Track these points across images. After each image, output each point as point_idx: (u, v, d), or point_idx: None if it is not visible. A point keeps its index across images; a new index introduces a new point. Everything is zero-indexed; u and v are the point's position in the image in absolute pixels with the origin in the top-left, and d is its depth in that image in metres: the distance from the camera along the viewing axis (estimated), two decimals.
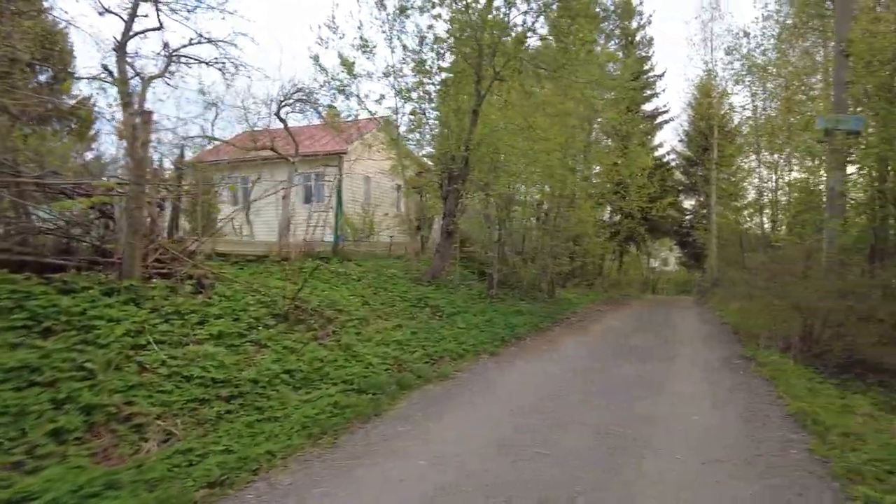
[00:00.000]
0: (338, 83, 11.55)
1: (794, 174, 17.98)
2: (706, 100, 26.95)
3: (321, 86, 11.90)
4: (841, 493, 3.97)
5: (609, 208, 28.92)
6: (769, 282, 10.22)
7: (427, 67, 10.77)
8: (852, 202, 11.50)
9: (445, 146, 11.30)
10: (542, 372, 7.85)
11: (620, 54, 29.96)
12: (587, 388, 6.92)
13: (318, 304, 7.85)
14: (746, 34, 20.51)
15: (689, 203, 35.09)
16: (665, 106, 33.02)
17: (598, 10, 28.43)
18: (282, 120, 16.79)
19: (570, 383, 7.20)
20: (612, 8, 28.68)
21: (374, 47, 11.27)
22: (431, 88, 10.71)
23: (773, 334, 10.15)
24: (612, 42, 29.77)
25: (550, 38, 10.46)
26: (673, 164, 33.33)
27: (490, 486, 3.98)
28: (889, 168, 10.71)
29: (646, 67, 30.51)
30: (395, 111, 11.71)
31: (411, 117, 11.59)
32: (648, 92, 30.49)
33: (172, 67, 13.40)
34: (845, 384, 8.10)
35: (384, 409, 5.79)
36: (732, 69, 20.96)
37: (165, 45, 13.92)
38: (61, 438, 4.24)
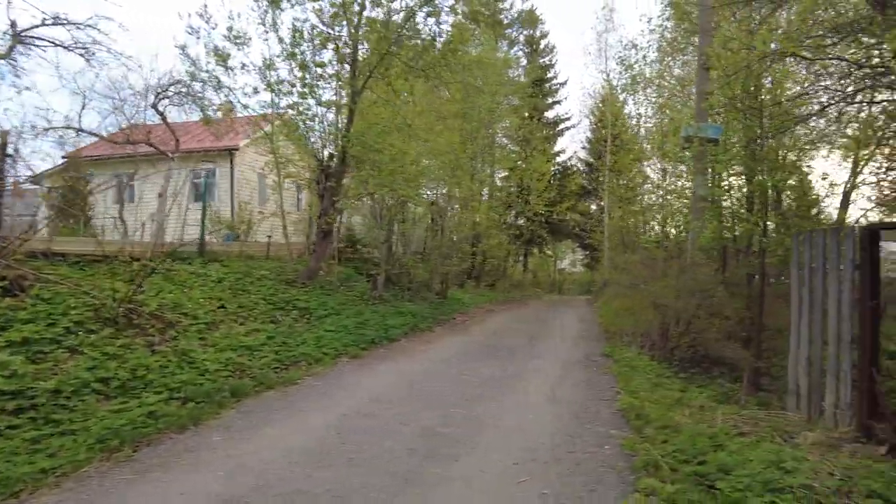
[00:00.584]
0: (206, 75, 10.90)
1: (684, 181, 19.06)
2: (602, 108, 28.21)
3: (192, 78, 11.15)
4: (630, 487, 4.08)
5: (513, 211, 29.62)
6: (633, 281, 10.71)
7: (301, 61, 10.38)
8: (712, 205, 12.26)
9: (321, 143, 11.00)
10: (399, 374, 7.73)
11: (524, 61, 30.88)
12: (436, 390, 6.87)
13: (157, 308, 7.32)
14: (635, 46, 21.63)
15: (594, 207, 36.70)
16: (567, 113, 34.38)
17: (502, 17, 29.35)
18: (159, 113, 15.82)
19: (420, 385, 7.12)
20: (515, 15, 29.49)
21: (249, 39, 10.77)
22: (300, 84, 10.34)
23: (636, 332, 10.66)
24: (516, 48, 30.59)
25: (427, 37, 10.43)
26: (574, 169, 34.67)
27: (279, 496, 3.77)
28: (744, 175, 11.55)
29: (549, 75, 31.55)
30: (272, 105, 11.26)
31: (290, 112, 11.15)
32: (551, 99, 31.53)
33: (22, 49, 12.30)
34: (692, 378, 8.60)
35: (205, 419, 5.44)
36: (623, 80, 22.06)
37: (13, 24, 12.74)
38: None
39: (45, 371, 5.34)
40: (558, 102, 31.99)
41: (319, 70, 10.58)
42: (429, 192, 16.98)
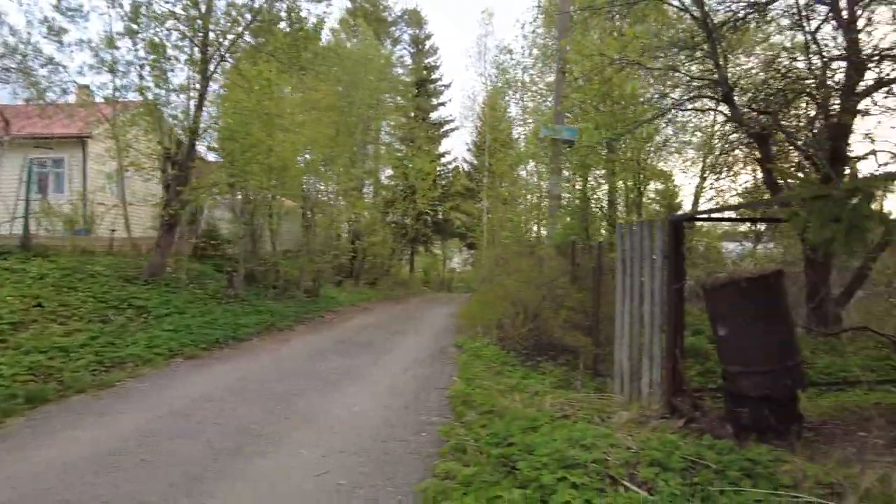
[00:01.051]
0: (28, 48, 9.76)
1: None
2: (483, 111, 29.05)
3: (12, 51, 9.93)
4: (427, 472, 4.12)
5: (398, 209, 29.60)
6: (489, 275, 11.05)
7: (148, 40, 9.59)
8: (566, 203, 13.01)
9: (167, 130, 10.24)
10: (235, 373, 7.36)
11: (409, 60, 31.02)
12: (268, 388, 6.61)
13: None
14: (510, 51, 22.46)
15: (479, 206, 37.66)
16: (451, 116, 34.92)
17: (385, 14, 29.28)
18: None
19: (253, 383, 6.82)
20: (399, 13, 29.55)
21: (87, 14, 9.79)
22: (147, 67, 9.57)
23: (490, 323, 11.00)
24: (400, 46, 30.65)
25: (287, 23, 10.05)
26: (459, 170, 35.39)
27: None
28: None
29: (434, 76, 31.91)
30: (115, 88, 10.30)
31: (140, 96, 10.25)
32: (435, 101, 31.92)
33: None
34: (538, 366, 9.00)
35: None
36: (499, 83, 22.82)
37: None
38: None
39: None
40: (443, 104, 32.49)
41: (172, 52, 9.86)
42: (305, 186, 16.46)
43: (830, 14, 7.32)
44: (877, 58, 6.96)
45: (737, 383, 4.98)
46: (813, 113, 8.59)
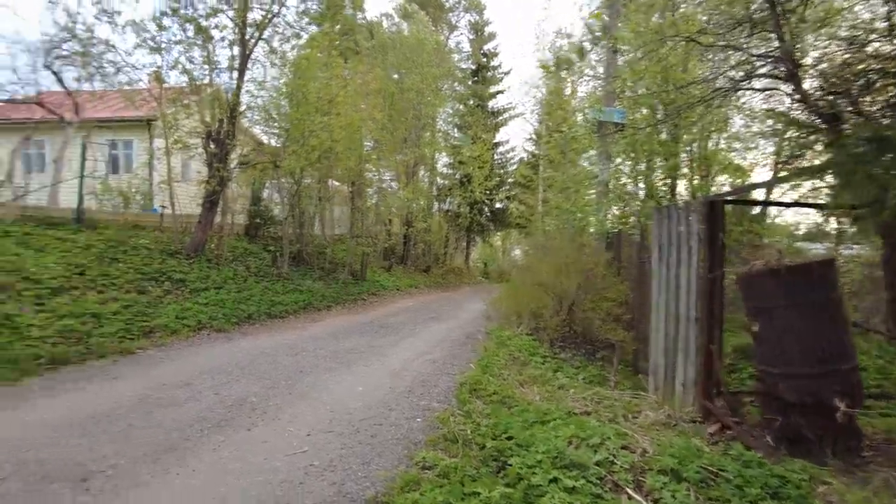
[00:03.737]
0: (82, 30, 10.17)
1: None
2: (542, 97, 28.21)
3: (70, 34, 10.38)
4: (408, 460, 3.89)
5: (455, 198, 29.37)
6: (527, 263, 10.66)
7: (186, 17, 9.73)
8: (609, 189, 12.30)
9: (210, 107, 10.43)
10: (255, 348, 7.39)
11: (466, 46, 30.62)
12: (281, 363, 6.57)
13: None
14: (568, 35, 21.63)
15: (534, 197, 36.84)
16: (510, 103, 34.10)
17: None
18: (54, 73, 14.88)
19: (268, 358, 6.81)
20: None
21: None
22: (190, 46, 9.78)
23: (525, 312, 10.61)
24: (457, 33, 30.26)
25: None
26: (518, 159, 34.72)
27: (15, 463, 3.43)
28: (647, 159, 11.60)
29: (493, 63, 31.32)
30: (159, 66, 10.59)
31: (183, 74, 10.50)
32: (493, 88, 31.32)
33: None
34: (573, 360, 8.60)
35: None
36: (556, 69, 22.03)
37: None
38: None
39: None
40: (501, 92, 31.69)
41: (217, 34, 10.03)
42: (351, 170, 16.53)
43: None
44: None
45: (774, 386, 4.44)
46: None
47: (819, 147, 10.18)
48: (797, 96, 8.46)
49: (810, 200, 5.92)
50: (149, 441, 3.92)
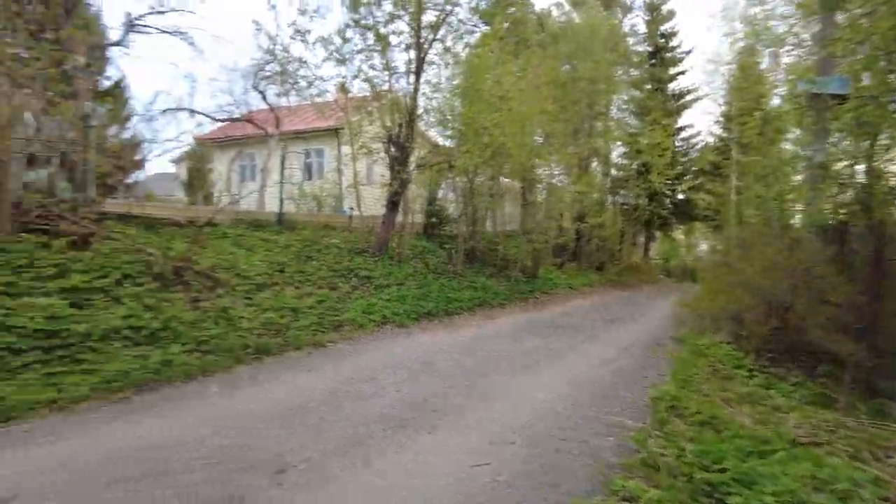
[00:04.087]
0: (280, 50, 11.26)
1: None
2: (732, 75, 25.18)
3: (271, 55, 11.58)
4: (601, 487, 3.45)
5: (631, 190, 27.59)
6: (724, 259, 9.41)
7: (366, 25, 10.25)
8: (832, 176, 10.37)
9: (389, 111, 10.89)
10: (434, 344, 7.45)
11: (642, 28, 28.57)
12: (459, 362, 6.50)
13: (209, 267, 7.72)
14: (763, 1, 18.89)
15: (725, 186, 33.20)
16: (693, 84, 30.94)
17: None
18: (260, 92, 16.81)
19: (446, 356, 6.79)
20: None
21: (326, 12, 10.91)
22: (369, 53, 10.29)
23: (723, 316, 9.37)
24: (631, 14, 28.31)
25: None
26: (704, 145, 31.54)
27: (197, 459, 3.61)
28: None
29: (672, 44, 28.82)
30: (344, 77, 11.35)
31: (364, 82, 11.13)
32: (673, 70, 28.80)
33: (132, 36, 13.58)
34: (787, 375, 7.40)
35: (215, 371, 5.60)
36: (750, 41, 19.44)
37: (127, 15, 14.09)
38: None
39: (83, 316, 5.80)
40: (682, 73, 28.97)
41: (395, 39, 10.46)
42: (523, 166, 16.27)
43: None
44: None
45: None
46: None
47: None
48: None
49: None
50: (338, 435, 4.00)
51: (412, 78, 10.60)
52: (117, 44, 13.87)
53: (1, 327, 5.22)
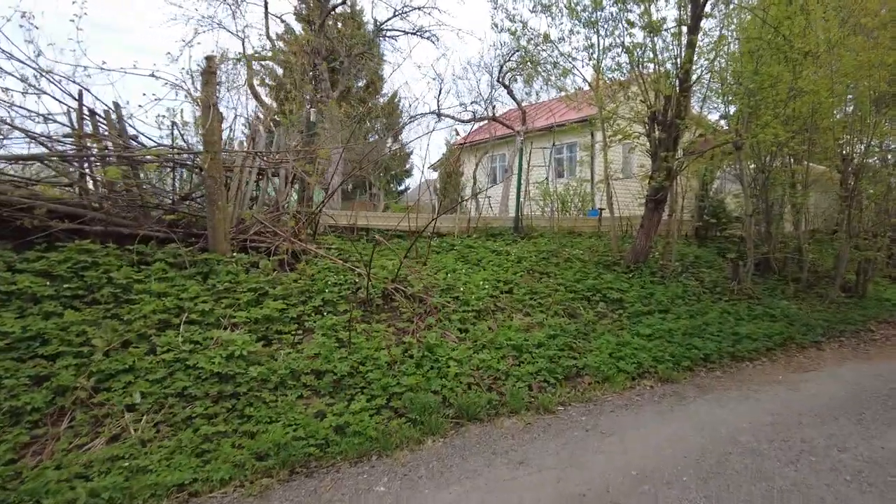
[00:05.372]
0: (531, 50, 9.58)
1: None
2: None
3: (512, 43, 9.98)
4: None
5: None
6: None
7: None
8: None
9: (652, 84, 8.26)
10: (722, 425, 4.84)
11: None
12: (764, 472, 3.89)
13: (420, 290, 6.43)
14: None
15: None
16: None
17: None
18: (505, 86, 15.55)
19: (743, 457, 4.18)
20: None
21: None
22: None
23: None
24: None
25: None
26: None
27: None
28: None
29: None
30: (590, 47, 9.08)
31: (623, 52, 8.72)
32: None
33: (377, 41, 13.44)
34: None
35: (394, 450, 4.12)
36: None
37: (375, 22, 14.03)
38: (15, 419, 3.95)
39: (263, 354, 4.93)
40: None
41: None
42: (843, 142, 11.76)
43: None
44: None
45: None
46: None
47: None
48: None
49: None
50: None
51: (684, 39, 7.87)
52: (366, 51, 14.00)
53: (182, 367, 4.59)
